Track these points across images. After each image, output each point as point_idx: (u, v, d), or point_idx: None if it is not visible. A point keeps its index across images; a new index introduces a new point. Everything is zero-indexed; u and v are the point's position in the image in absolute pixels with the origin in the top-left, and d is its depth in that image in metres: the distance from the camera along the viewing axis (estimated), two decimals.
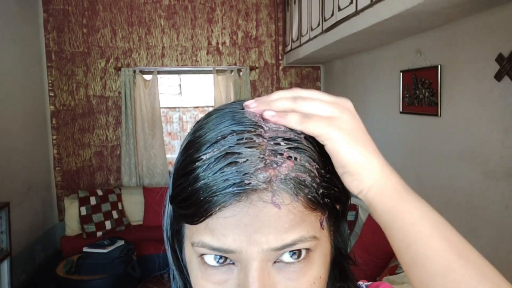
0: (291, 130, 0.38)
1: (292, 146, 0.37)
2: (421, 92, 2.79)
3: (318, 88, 4.97)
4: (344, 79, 4.32)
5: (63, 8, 4.36)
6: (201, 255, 0.39)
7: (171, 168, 4.85)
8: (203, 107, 5.24)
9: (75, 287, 3.13)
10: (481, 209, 2.28)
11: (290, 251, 0.38)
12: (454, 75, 2.46)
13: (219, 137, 0.37)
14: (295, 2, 4.21)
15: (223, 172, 0.35)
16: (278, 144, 0.37)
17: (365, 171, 0.38)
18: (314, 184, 0.37)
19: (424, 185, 2.78)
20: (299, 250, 0.38)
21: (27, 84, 3.95)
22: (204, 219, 0.37)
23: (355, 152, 0.38)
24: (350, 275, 0.48)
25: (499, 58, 2.06)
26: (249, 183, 0.35)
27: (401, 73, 3.05)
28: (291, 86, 4.89)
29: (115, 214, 4.03)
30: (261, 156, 0.36)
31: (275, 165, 0.36)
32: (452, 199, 2.53)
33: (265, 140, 0.37)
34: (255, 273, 0.36)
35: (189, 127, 5.98)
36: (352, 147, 0.38)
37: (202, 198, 0.36)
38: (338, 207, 0.42)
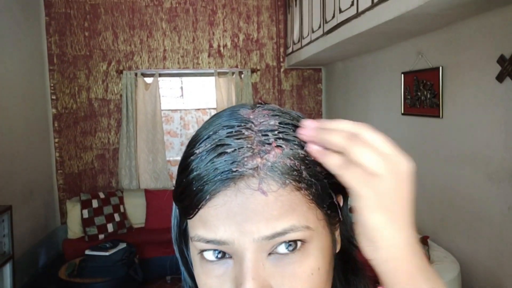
0: (283, 124, 0.39)
1: (280, 136, 0.38)
2: (422, 94, 2.79)
3: (320, 91, 4.97)
4: (346, 81, 4.32)
5: (65, 12, 4.38)
6: (201, 251, 0.39)
7: (171, 168, 4.88)
8: (204, 109, 5.25)
9: None
10: (484, 211, 2.27)
11: (285, 243, 0.37)
12: (456, 76, 2.46)
13: (211, 133, 0.39)
14: (296, 4, 4.21)
15: (213, 162, 0.37)
16: (266, 135, 0.38)
17: (384, 242, 0.36)
18: (303, 171, 0.38)
19: (426, 187, 2.77)
20: (295, 242, 0.37)
21: (29, 87, 3.96)
22: (197, 211, 0.38)
23: (380, 220, 0.36)
24: (360, 265, 0.48)
25: (501, 60, 2.06)
26: (236, 170, 0.36)
27: (402, 75, 3.05)
28: (292, 88, 4.90)
29: (117, 217, 4.04)
30: (249, 146, 0.37)
31: (262, 154, 0.37)
32: (454, 201, 2.52)
33: (253, 133, 0.38)
34: (249, 264, 0.36)
35: (191, 126, 6.00)
36: (378, 214, 0.35)
37: (194, 189, 0.37)
38: (339, 199, 0.42)
